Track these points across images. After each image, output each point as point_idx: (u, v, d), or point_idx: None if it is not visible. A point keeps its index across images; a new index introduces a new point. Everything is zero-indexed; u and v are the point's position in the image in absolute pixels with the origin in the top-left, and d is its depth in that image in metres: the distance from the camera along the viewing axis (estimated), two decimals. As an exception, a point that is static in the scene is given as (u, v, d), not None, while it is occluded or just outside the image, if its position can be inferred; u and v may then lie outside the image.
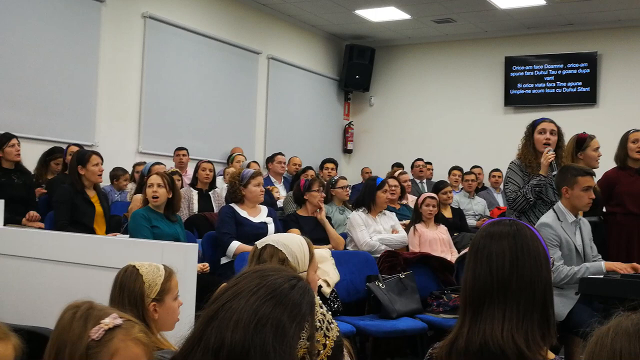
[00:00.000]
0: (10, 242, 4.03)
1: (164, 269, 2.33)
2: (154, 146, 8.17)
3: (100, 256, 3.59)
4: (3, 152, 5.63)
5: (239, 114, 9.63)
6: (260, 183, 4.97)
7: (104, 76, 7.60)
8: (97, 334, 1.47)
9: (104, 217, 5.23)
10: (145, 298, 2.23)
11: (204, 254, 4.70)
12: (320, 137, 11.25)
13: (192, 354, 1.02)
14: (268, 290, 1.04)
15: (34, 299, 3.77)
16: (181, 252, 3.38)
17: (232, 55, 9.47)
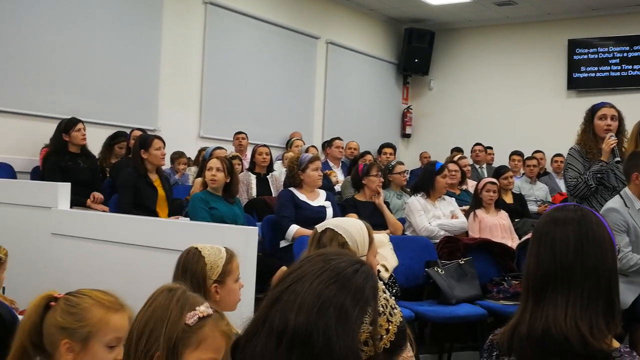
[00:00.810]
0: (77, 224, 4.16)
1: (225, 251, 2.37)
2: (215, 131, 8.28)
3: (162, 238, 3.68)
4: (69, 136, 5.79)
5: (297, 98, 9.66)
6: (318, 167, 4.99)
7: (166, 62, 7.73)
8: (192, 320, 1.53)
9: (166, 200, 5.33)
10: (207, 279, 2.27)
11: (263, 237, 4.75)
12: (378, 122, 11.19)
13: (257, 335, 1.03)
14: (331, 274, 1.04)
15: (98, 280, 3.87)
16: (242, 235, 3.43)
17: (291, 41, 9.49)
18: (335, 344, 0.98)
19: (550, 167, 9.05)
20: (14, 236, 3.88)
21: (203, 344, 1.53)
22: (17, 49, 6.22)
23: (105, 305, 1.72)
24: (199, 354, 1.52)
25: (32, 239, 4.22)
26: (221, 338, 1.57)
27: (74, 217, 4.27)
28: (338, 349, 0.98)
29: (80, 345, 1.68)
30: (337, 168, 8.04)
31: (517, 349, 1.56)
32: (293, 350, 0.98)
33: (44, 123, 6.27)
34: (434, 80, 11.72)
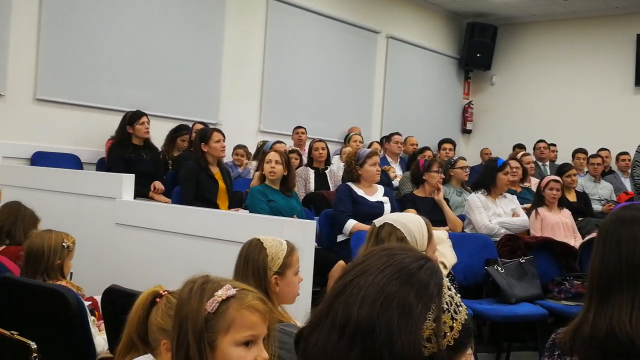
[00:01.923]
0: (140, 214, 4.26)
1: (286, 244, 2.40)
2: (274, 125, 8.34)
3: (222, 230, 3.73)
4: (134, 129, 5.93)
5: (356, 93, 9.64)
6: (376, 162, 4.98)
7: (228, 57, 7.82)
8: (212, 306, 1.51)
9: (227, 192, 5.42)
10: (268, 271, 2.30)
11: (320, 231, 4.78)
12: (438, 117, 11.08)
13: (320, 326, 1.04)
14: (395, 269, 1.04)
15: (160, 269, 3.97)
16: (300, 229, 3.45)
17: (352, 35, 9.48)
18: (397, 339, 0.98)
19: (615, 166, 8.79)
20: (80, 225, 4.00)
21: (233, 326, 1.52)
22: (85, 44, 6.40)
23: None
24: (233, 336, 1.52)
25: (97, 229, 4.34)
26: (251, 314, 1.55)
27: (137, 207, 4.37)
28: (400, 344, 0.98)
29: None
30: (395, 163, 8.00)
31: (579, 349, 1.53)
32: (355, 343, 0.98)
33: (110, 115, 6.44)
34: (496, 75, 11.53)
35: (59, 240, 3.06)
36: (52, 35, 6.14)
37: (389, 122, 9.97)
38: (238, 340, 1.52)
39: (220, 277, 1.64)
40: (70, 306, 2.65)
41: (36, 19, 6.04)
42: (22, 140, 5.93)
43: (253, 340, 1.54)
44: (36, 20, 6.04)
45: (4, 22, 5.76)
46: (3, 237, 3.43)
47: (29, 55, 6.00)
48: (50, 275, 2.99)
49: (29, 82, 6.02)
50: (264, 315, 1.57)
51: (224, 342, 1.51)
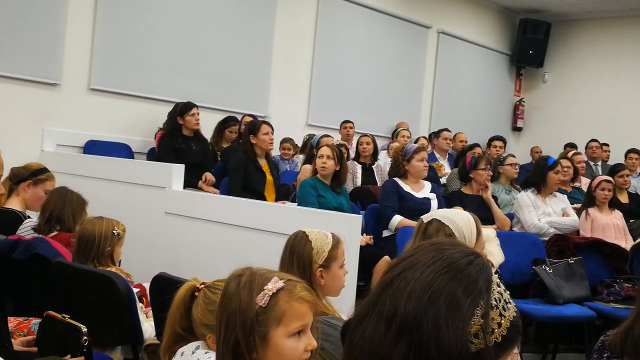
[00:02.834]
0: (188, 204, 4.32)
1: (331, 236, 2.40)
2: (322, 119, 8.35)
3: (269, 222, 3.76)
4: (184, 120, 6.01)
5: (405, 88, 9.58)
6: (423, 158, 4.94)
7: (279, 50, 7.86)
8: (263, 300, 1.52)
9: (274, 185, 5.45)
10: (313, 263, 2.30)
11: (366, 226, 4.77)
12: (489, 114, 10.93)
13: (367, 318, 1.04)
14: (444, 263, 1.03)
15: (207, 259, 4.03)
16: (346, 223, 3.46)
17: (402, 30, 9.42)
18: (444, 333, 0.97)
19: (671, 167, 8.54)
20: (130, 214, 4.07)
21: (284, 318, 1.53)
22: (138, 35, 6.50)
23: None
24: (284, 329, 1.53)
25: (147, 217, 4.42)
26: (300, 305, 1.56)
27: (186, 197, 4.44)
28: (447, 339, 0.97)
29: None
30: (443, 160, 7.93)
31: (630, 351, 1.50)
32: (402, 336, 0.98)
33: (160, 106, 6.53)
34: (549, 73, 11.32)
35: (109, 228, 3.12)
36: (107, 27, 6.26)
37: (438, 118, 9.89)
38: (290, 331, 1.53)
39: (263, 268, 1.65)
40: (120, 292, 2.70)
41: (92, 12, 6.16)
42: (76, 129, 6.07)
43: (303, 330, 1.55)
44: (92, 12, 6.16)
45: (60, 15, 5.89)
46: (54, 222, 3.50)
47: (84, 46, 6.13)
48: (100, 261, 3.05)
49: (83, 73, 6.15)
50: (312, 305, 1.58)
51: (277, 335, 1.52)
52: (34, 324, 2.78)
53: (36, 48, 5.75)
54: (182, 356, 1.76)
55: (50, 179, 3.87)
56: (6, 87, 5.60)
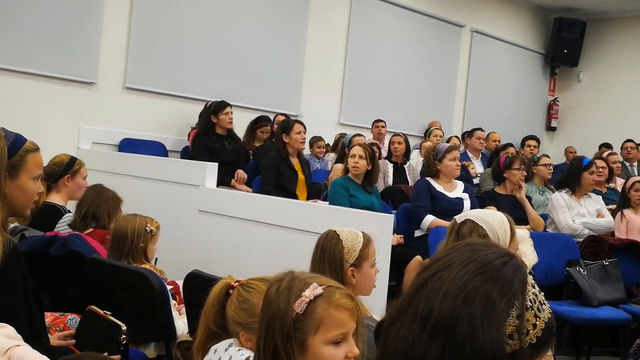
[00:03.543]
0: (222, 202, 4.35)
1: (362, 235, 2.40)
2: (354, 118, 8.35)
3: (301, 220, 3.77)
4: (218, 118, 6.06)
5: (438, 87, 9.53)
6: (455, 157, 4.91)
7: (311, 49, 7.87)
8: (300, 307, 1.49)
9: (306, 184, 5.47)
10: (344, 262, 2.31)
11: (397, 226, 4.75)
12: (522, 113, 10.82)
13: (401, 318, 1.04)
14: (479, 264, 1.03)
15: (239, 256, 4.05)
16: (377, 222, 3.45)
17: (435, 29, 9.37)
18: (480, 334, 0.97)
19: None
20: (164, 211, 4.11)
21: (322, 326, 1.50)
22: (172, 35, 6.57)
23: None
24: (322, 336, 1.50)
25: (180, 215, 4.47)
26: (339, 313, 1.52)
27: (219, 195, 4.47)
28: (482, 339, 0.97)
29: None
30: (476, 160, 7.86)
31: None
32: (437, 336, 0.98)
33: (194, 105, 6.60)
34: (584, 72, 11.16)
35: (142, 224, 3.15)
36: (142, 27, 6.34)
37: (471, 117, 9.82)
38: (328, 339, 1.50)
39: (306, 273, 1.63)
40: (154, 289, 2.73)
41: (127, 12, 6.24)
42: (111, 127, 6.16)
43: (343, 338, 1.52)
44: (127, 12, 6.24)
45: (97, 15, 5.98)
46: (89, 219, 3.55)
47: (119, 46, 6.22)
48: (134, 257, 3.09)
49: (119, 72, 6.23)
50: (352, 312, 1.54)
51: (315, 342, 1.49)
52: (69, 320, 2.83)
53: (73, 47, 5.84)
54: (215, 353, 1.78)
55: (82, 165, 3.92)
56: (44, 85, 5.70)
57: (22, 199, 2.08)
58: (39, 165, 2.14)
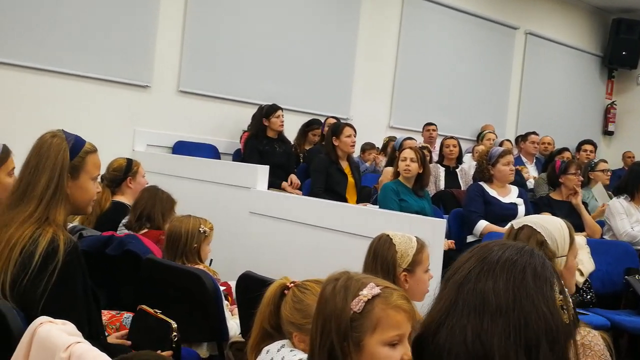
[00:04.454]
0: (272, 205, 4.37)
1: (416, 240, 2.37)
2: (404, 121, 8.30)
3: (351, 224, 3.75)
4: (269, 121, 6.10)
5: (491, 90, 9.41)
6: (509, 162, 4.83)
7: (362, 52, 7.86)
8: (358, 306, 1.47)
9: (355, 187, 5.45)
10: (397, 267, 2.29)
11: (449, 231, 4.69)
12: (578, 117, 10.59)
13: (449, 318, 1.07)
14: (515, 248, 1.09)
15: (289, 258, 4.07)
16: (429, 227, 3.41)
17: (488, 31, 9.25)
18: (541, 309, 1.01)
19: None
20: (216, 213, 4.14)
21: (379, 326, 1.47)
22: (224, 39, 6.64)
23: None
24: (379, 337, 1.47)
25: (232, 217, 4.51)
26: (396, 314, 1.49)
27: (270, 198, 4.49)
28: (543, 312, 1.01)
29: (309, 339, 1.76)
30: (530, 164, 7.72)
31: None
32: (498, 320, 1.01)
33: (246, 108, 6.66)
34: (643, 75, 10.86)
35: (196, 225, 3.19)
36: (195, 31, 6.43)
37: (525, 121, 9.66)
38: (385, 340, 1.48)
39: (361, 273, 1.62)
40: (207, 289, 2.76)
41: (181, 17, 6.34)
42: (165, 129, 6.26)
43: (399, 340, 1.49)
44: (181, 17, 6.34)
45: (152, 21, 6.10)
46: (144, 220, 3.62)
47: (173, 50, 6.32)
48: (188, 258, 3.13)
49: (173, 75, 6.34)
50: (409, 314, 1.52)
51: (371, 342, 1.47)
52: (125, 318, 2.88)
53: (129, 51, 5.96)
54: (267, 354, 1.79)
55: (139, 164, 4.09)
56: (100, 88, 5.83)
57: (82, 198, 2.14)
58: (97, 166, 2.19)
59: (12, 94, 5.35)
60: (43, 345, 1.73)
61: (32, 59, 5.42)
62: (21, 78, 5.40)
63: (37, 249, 1.96)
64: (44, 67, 5.49)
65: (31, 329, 1.77)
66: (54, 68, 5.54)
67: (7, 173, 2.54)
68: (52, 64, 5.53)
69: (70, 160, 2.08)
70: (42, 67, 5.49)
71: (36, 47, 5.43)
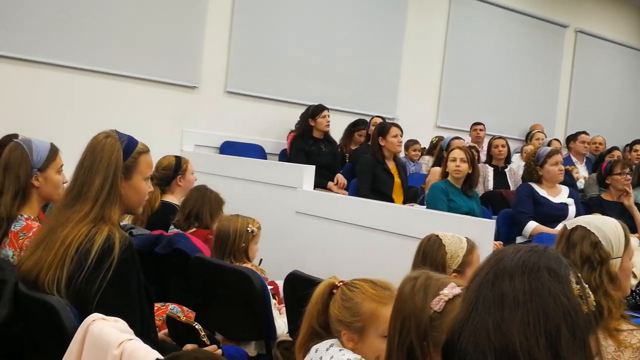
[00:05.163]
0: (318, 205, 4.38)
1: (466, 241, 2.34)
2: (451, 120, 8.22)
3: (398, 224, 3.74)
4: (315, 122, 6.12)
5: (539, 89, 9.25)
6: (558, 162, 4.74)
7: (408, 51, 7.81)
8: (438, 305, 1.47)
9: (402, 187, 5.42)
10: (447, 268, 2.26)
11: (498, 232, 4.63)
12: (630, 116, 10.33)
13: (470, 320, 1.10)
14: (526, 250, 1.13)
15: (335, 257, 4.07)
16: (478, 227, 3.37)
17: (537, 29, 9.10)
18: (557, 296, 1.05)
19: None
20: (263, 212, 4.16)
21: None
22: (270, 40, 6.67)
23: (375, 299, 1.79)
24: None
25: (278, 216, 4.53)
26: None
27: (316, 198, 4.50)
28: (560, 299, 1.05)
29: (358, 336, 1.77)
30: (580, 164, 7.57)
31: None
32: (517, 311, 1.05)
33: (292, 108, 6.68)
34: (699, 72, 10.54)
35: (244, 225, 3.21)
36: (242, 33, 6.48)
37: (574, 120, 9.47)
38: None
39: (439, 274, 1.61)
40: (255, 288, 2.78)
41: (228, 19, 6.40)
42: (213, 130, 6.32)
43: None
44: (228, 19, 6.40)
45: (200, 23, 6.17)
46: (192, 219, 3.66)
47: (221, 51, 6.38)
48: (236, 257, 3.15)
49: (220, 76, 6.40)
50: None
51: None
52: (171, 309, 2.92)
53: (177, 53, 6.04)
54: (316, 352, 1.79)
55: (188, 162, 4.15)
56: (150, 90, 5.92)
57: (135, 198, 2.17)
58: (150, 166, 2.22)
59: (65, 95, 5.48)
60: (96, 342, 1.76)
61: (84, 61, 5.53)
62: (74, 79, 5.52)
63: (93, 247, 1.99)
64: (95, 68, 5.60)
65: (84, 326, 1.81)
66: (105, 69, 5.65)
67: (56, 170, 2.60)
68: (103, 65, 5.64)
69: (123, 161, 2.11)
70: (94, 68, 5.60)
71: (89, 49, 5.54)
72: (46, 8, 5.31)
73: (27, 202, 2.51)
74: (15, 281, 2.14)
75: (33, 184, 2.53)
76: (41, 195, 2.56)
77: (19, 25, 5.20)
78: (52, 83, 5.42)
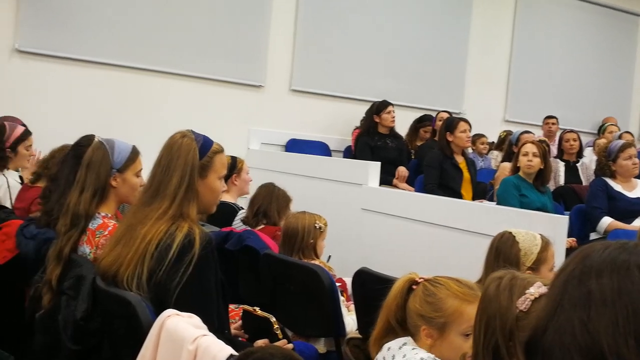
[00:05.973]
0: (384, 201, 4.36)
1: (540, 238, 2.29)
2: (521, 114, 8.05)
3: (467, 221, 3.68)
4: (380, 118, 6.09)
5: (612, 81, 8.95)
6: (631, 155, 4.59)
7: (474, 44, 7.69)
8: (524, 305, 1.43)
9: (471, 183, 5.34)
10: (521, 266, 2.22)
11: (571, 228, 4.49)
12: None
13: (555, 318, 1.06)
14: (616, 246, 1.06)
15: (402, 254, 4.03)
16: (550, 224, 3.29)
17: (608, 18, 8.81)
18: None
19: None
20: (329, 209, 4.17)
21: None
22: (334, 37, 6.69)
23: (459, 297, 1.77)
24: None
25: (344, 213, 4.53)
26: None
27: (382, 194, 4.48)
28: None
29: (438, 333, 1.76)
30: (657, 158, 7.29)
31: None
32: (605, 310, 0.99)
33: (356, 105, 6.68)
34: None
35: (312, 221, 3.23)
36: (306, 32, 6.52)
37: (650, 112, 9.15)
38: None
39: (524, 273, 1.58)
40: (324, 285, 2.78)
41: (292, 18, 6.45)
42: (278, 128, 6.38)
43: None
44: (292, 19, 6.45)
45: (265, 24, 6.25)
46: (260, 217, 3.70)
47: (285, 50, 6.43)
48: (304, 253, 3.17)
49: (285, 75, 6.45)
50: None
51: None
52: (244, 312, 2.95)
53: (243, 53, 6.13)
54: (388, 351, 1.78)
55: (243, 161, 4.21)
56: (217, 89, 6.02)
57: (210, 197, 2.21)
58: (224, 165, 2.26)
59: (138, 96, 5.63)
60: (171, 337, 1.80)
61: (157, 64, 5.69)
62: (146, 81, 5.68)
63: (174, 242, 2.02)
64: (166, 70, 5.75)
65: (159, 321, 1.85)
66: (175, 71, 5.79)
67: (135, 174, 2.63)
68: (174, 67, 5.78)
69: (199, 160, 2.15)
70: (165, 70, 5.74)
71: (161, 52, 5.68)
72: (124, 15, 5.51)
73: (104, 201, 2.56)
74: (93, 277, 2.20)
75: (111, 184, 2.57)
76: (118, 195, 2.60)
77: (99, 31, 5.41)
78: (130, 85, 5.62)
